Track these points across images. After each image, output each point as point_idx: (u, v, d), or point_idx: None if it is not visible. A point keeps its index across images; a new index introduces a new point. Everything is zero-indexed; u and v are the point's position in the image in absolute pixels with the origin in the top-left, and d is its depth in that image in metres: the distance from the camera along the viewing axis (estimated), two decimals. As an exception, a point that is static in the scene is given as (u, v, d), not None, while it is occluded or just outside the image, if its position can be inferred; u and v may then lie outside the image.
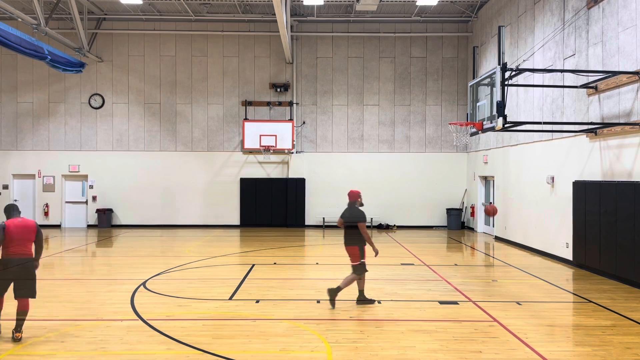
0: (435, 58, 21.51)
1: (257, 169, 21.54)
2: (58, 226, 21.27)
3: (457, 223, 20.89)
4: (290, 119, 21.10)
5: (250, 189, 21.24)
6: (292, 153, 21.40)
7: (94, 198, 21.31)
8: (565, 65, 13.10)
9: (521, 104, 15.73)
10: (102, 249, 15.69)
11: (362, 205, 9.09)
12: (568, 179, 12.87)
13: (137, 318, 7.86)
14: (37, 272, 7.29)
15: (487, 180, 19.75)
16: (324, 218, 21.29)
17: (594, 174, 11.84)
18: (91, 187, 21.35)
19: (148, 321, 7.67)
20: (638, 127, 10.19)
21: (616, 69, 10.96)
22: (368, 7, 18.24)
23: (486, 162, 19.00)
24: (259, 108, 21.47)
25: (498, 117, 10.11)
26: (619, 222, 10.55)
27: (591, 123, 11.15)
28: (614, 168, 11.09)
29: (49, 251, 15.05)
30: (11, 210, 7.24)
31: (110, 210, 21.14)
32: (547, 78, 14.04)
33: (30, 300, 7.11)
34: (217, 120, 21.49)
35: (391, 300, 8.99)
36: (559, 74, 13.35)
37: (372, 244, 8.57)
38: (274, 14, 18.65)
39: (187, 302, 8.94)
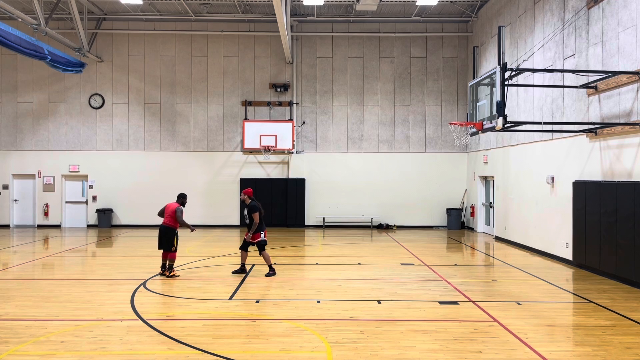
0: (435, 58, 21.52)
1: (257, 169, 21.55)
2: (58, 226, 21.27)
3: (457, 223, 20.89)
4: (290, 119, 21.10)
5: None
6: (292, 153, 21.41)
7: (94, 198, 21.32)
8: (565, 65, 13.10)
9: (521, 104, 15.73)
10: (102, 249, 15.69)
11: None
12: (568, 179, 12.87)
13: (137, 318, 7.86)
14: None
15: (487, 180, 19.75)
16: (324, 218, 21.29)
17: (594, 174, 11.84)
18: (91, 187, 21.36)
19: (148, 321, 7.67)
20: (638, 127, 10.20)
21: (616, 69, 10.96)
22: (368, 7, 18.24)
23: (486, 162, 19.00)
24: (259, 108, 21.48)
25: (498, 117, 10.11)
26: (619, 222, 10.55)
27: (591, 123, 11.14)
28: (614, 168, 11.09)
29: (49, 251, 15.06)
30: (179, 197, 11.38)
31: (110, 210, 21.15)
32: (547, 78, 14.05)
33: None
34: (217, 120, 21.49)
35: (391, 300, 8.99)
36: (559, 74, 13.35)
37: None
38: (274, 14, 18.67)
39: (187, 302, 8.94)
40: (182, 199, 11.35)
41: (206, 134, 21.50)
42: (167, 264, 10.99)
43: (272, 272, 11.07)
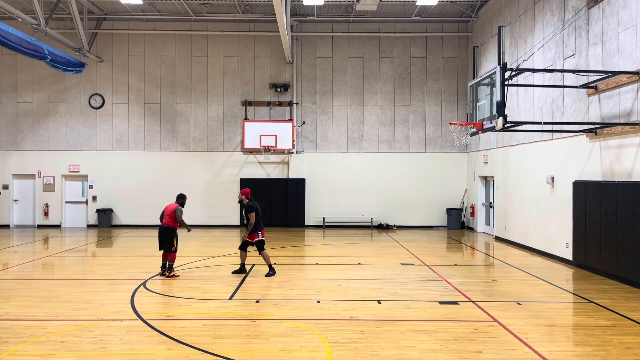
0: (435, 58, 21.52)
1: (257, 169, 21.55)
2: (58, 226, 21.27)
3: (457, 223, 20.89)
4: (290, 119, 21.10)
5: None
6: (292, 153, 21.41)
7: (94, 198, 21.32)
8: (565, 65, 13.10)
9: (521, 104, 15.73)
10: (102, 249, 15.69)
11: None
12: (568, 179, 12.87)
13: (137, 318, 7.86)
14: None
15: (487, 180, 19.75)
16: (324, 218, 21.29)
17: (594, 174, 11.84)
18: (91, 187, 21.36)
19: (148, 321, 7.67)
20: (638, 127, 10.19)
21: (616, 69, 10.96)
22: (368, 7, 18.24)
23: (486, 162, 19.00)
24: (259, 108, 21.47)
25: (498, 117, 10.11)
26: (619, 222, 10.54)
27: (591, 123, 11.15)
28: (614, 168, 11.09)
29: (49, 251, 15.06)
30: (178, 197, 11.35)
31: (110, 210, 21.14)
32: (547, 78, 14.04)
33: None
34: (217, 120, 21.49)
35: (391, 300, 8.99)
36: (559, 74, 13.35)
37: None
38: (274, 14, 18.66)
39: (187, 302, 8.94)
40: (181, 199, 11.35)
41: (206, 134, 21.50)
42: (167, 264, 10.99)
43: (272, 272, 11.07)
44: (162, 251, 11.07)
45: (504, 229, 17.12)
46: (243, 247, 11.27)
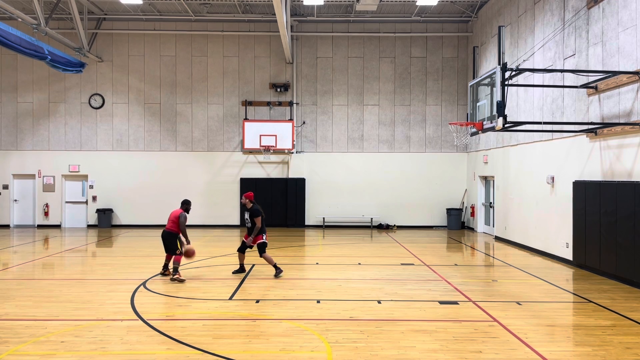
0: (435, 58, 21.52)
1: (257, 169, 21.55)
2: (58, 226, 21.27)
3: (457, 223, 20.89)
4: (290, 119, 21.10)
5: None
6: (292, 153, 21.41)
7: (94, 198, 21.32)
8: (566, 65, 13.10)
9: (521, 104, 15.73)
10: (102, 249, 15.69)
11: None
12: (568, 179, 12.87)
13: (137, 318, 7.86)
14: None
15: (487, 180, 19.75)
16: (324, 218, 21.29)
17: (594, 174, 11.84)
18: (91, 187, 21.36)
19: (148, 321, 7.67)
20: (638, 127, 10.20)
21: (616, 69, 10.96)
22: (368, 7, 18.24)
23: (486, 162, 19.00)
24: (259, 108, 21.47)
25: (498, 117, 10.11)
26: (619, 222, 10.54)
27: (591, 123, 11.15)
28: (614, 168, 11.09)
29: (49, 251, 15.06)
30: (183, 203, 11.23)
31: (110, 210, 21.14)
32: (547, 78, 14.05)
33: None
34: (217, 120, 21.50)
35: (391, 300, 8.99)
36: (559, 74, 13.35)
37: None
38: (274, 14, 18.67)
39: (187, 302, 8.94)
40: (185, 205, 11.26)
41: (206, 134, 21.50)
42: (171, 266, 10.87)
43: (279, 271, 11.03)
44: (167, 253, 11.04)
45: (504, 229, 17.12)
46: (242, 250, 11.26)
